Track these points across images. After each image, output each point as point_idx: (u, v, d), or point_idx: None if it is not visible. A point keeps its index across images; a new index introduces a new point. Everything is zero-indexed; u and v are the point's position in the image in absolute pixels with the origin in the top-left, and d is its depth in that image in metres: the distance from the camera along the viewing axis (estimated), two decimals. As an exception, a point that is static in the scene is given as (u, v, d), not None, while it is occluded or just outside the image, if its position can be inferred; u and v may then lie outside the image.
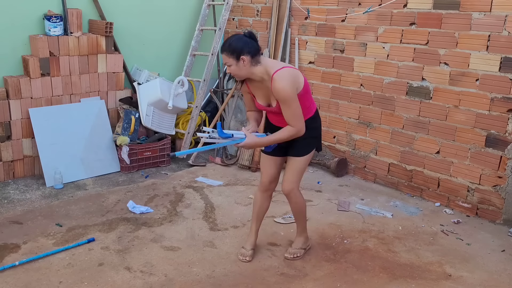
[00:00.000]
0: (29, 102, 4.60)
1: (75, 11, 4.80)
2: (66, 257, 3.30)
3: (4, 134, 4.53)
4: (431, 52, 4.21)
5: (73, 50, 4.75)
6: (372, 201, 4.38)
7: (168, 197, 4.34)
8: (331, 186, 4.74)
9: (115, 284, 3.01)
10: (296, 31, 5.30)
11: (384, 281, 3.14)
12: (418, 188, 4.50)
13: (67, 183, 4.57)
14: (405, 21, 4.36)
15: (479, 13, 3.88)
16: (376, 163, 4.80)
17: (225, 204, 4.23)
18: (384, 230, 3.83)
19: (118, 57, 5.10)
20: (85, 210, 4.02)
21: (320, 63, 5.13)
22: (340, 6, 4.83)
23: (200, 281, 3.07)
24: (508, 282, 3.16)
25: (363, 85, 4.78)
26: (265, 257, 3.38)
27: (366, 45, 4.69)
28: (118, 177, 4.78)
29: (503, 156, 3.90)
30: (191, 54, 5.63)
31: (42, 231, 3.64)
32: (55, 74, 4.71)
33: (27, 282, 3.00)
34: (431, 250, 3.54)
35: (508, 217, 3.93)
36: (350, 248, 3.53)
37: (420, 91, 4.34)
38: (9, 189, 4.42)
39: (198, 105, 5.44)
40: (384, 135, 4.69)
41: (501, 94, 3.85)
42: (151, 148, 5.03)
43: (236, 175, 4.95)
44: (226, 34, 6.15)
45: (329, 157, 5.20)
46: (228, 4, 5.48)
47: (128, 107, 5.16)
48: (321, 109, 5.20)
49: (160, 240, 3.57)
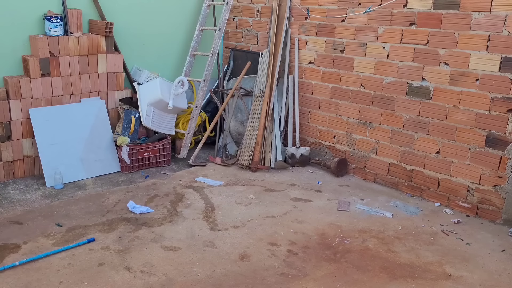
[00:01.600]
0: (29, 102, 4.60)
1: (75, 11, 4.80)
2: (66, 257, 3.30)
3: (4, 134, 4.53)
4: (431, 52, 4.21)
5: (73, 50, 4.75)
6: (372, 201, 4.38)
7: (168, 197, 4.34)
8: (331, 186, 4.75)
9: (115, 284, 3.01)
10: (296, 31, 5.30)
11: (384, 281, 3.14)
12: (418, 188, 4.50)
13: (67, 183, 4.56)
14: (405, 21, 4.36)
15: (479, 13, 3.88)
16: (376, 163, 4.80)
17: (225, 204, 4.23)
18: (384, 230, 3.83)
19: (118, 57, 5.10)
20: (85, 210, 4.02)
21: (320, 63, 5.13)
22: (340, 6, 4.83)
23: (200, 281, 3.07)
24: (508, 282, 3.17)
25: (363, 85, 4.78)
26: (265, 257, 3.38)
27: (366, 45, 4.69)
28: (118, 177, 4.78)
29: (503, 156, 3.90)
30: (191, 54, 5.63)
31: (42, 231, 3.64)
32: (55, 74, 4.71)
33: (27, 282, 3.00)
34: (431, 250, 3.54)
35: (508, 217, 3.93)
36: (350, 248, 3.53)
37: (420, 91, 4.34)
38: (9, 189, 4.42)
39: (198, 105, 5.44)
40: (384, 135, 4.69)
41: (501, 94, 3.85)
42: (151, 148, 5.03)
43: (236, 175, 4.95)
44: (226, 34, 6.16)
45: (329, 157, 5.20)
46: (228, 4, 5.48)
47: (128, 107, 5.16)
48: (321, 109, 5.21)
49: (160, 240, 3.57)
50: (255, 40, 5.80)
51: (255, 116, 5.26)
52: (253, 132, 5.21)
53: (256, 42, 5.80)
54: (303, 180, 4.87)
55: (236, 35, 6.05)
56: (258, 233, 3.71)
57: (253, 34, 5.82)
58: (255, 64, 5.52)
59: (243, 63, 5.68)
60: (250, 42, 5.87)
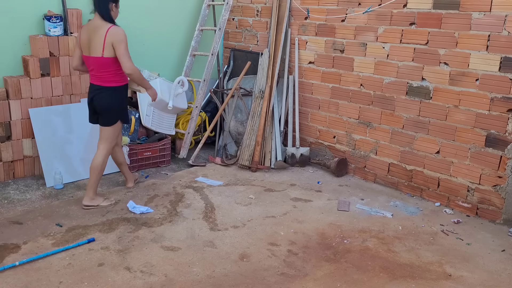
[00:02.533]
0: (29, 102, 4.60)
1: (75, 11, 4.80)
2: (66, 257, 3.30)
3: (4, 134, 4.53)
4: (431, 52, 4.21)
5: (73, 50, 4.74)
6: (372, 201, 4.38)
7: (168, 197, 4.34)
8: (331, 186, 4.75)
9: (115, 284, 3.01)
10: (296, 31, 5.30)
11: (384, 281, 3.14)
12: (418, 188, 4.50)
13: (67, 183, 4.57)
14: (405, 21, 4.36)
15: (479, 13, 3.88)
16: (376, 163, 4.80)
17: (225, 204, 4.23)
18: (384, 230, 3.83)
19: (118, 57, 5.09)
20: (85, 210, 4.02)
21: (320, 63, 5.13)
22: (340, 6, 4.84)
23: (200, 281, 3.07)
24: (508, 282, 3.17)
25: (363, 85, 4.78)
26: (265, 257, 3.38)
27: (366, 45, 4.69)
28: (118, 177, 4.78)
29: (503, 156, 3.90)
30: (191, 54, 5.63)
31: (42, 231, 3.64)
32: (55, 74, 4.71)
33: (27, 282, 3.00)
34: (431, 250, 3.54)
35: (508, 217, 3.93)
36: (350, 248, 3.53)
37: (420, 91, 4.34)
38: (9, 189, 4.42)
39: (198, 105, 5.44)
40: (384, 135, 4.69)
41: (501, 94, 3.85)
42: (151, 148, 5.03)
43: (236, 175, 4.95)
44: (226, 34, 6.16)
45: (329, 157, 5.20)
46: (228, 4, 5.48)
47: (128, 107, 5.15)
48: (321, 109, 5.21)
49: (160, 240, 3.57)
50: (255, 40, 5.80)
51: (255, 116, 5.26)
52: (253, 132, 5.22)
53: (256, 42, 5.80)
54: (303, 180, 4.87)
55: (236, 35, 6.05)
56: (258, 233, 3.71)
57: (253, 34, 5.82)
58: (255, 64, 5.52)
59: (243, 63, 5.68)
60: (250, 42, 5.87)
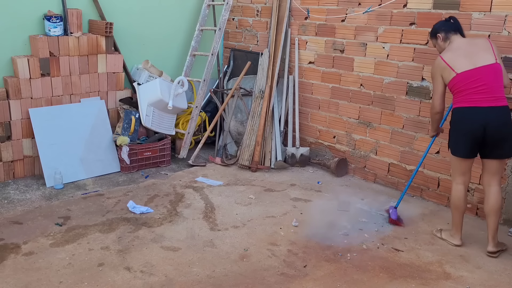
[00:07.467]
0: (29, 102, 4.60)
1: (75, 11, 4.80)
2: (66, 257, 3.30)
3: (4, 134, 4.53)
4: (431, 52, 4.20)
5: (73, 50, 4.75)
6: (372, 201, 4.37)
7: (168, 197, 4.34)
8: (331, 186, 4.74)
9: (115, 284, 3.01)
10: (296, 31, 5.30)
11: (384, 281, 3.14)
12: (418, 188, 4.50)
13: (67, 183, 4.56)
14: (405, 21, 4.36)
15: (479, 13, 3.88)
16: (376, 163, 4.80)
17: (225, 204, 4.23)
18: (384, 230, 3.83)
19: (118, 57, 5.10)
20: (85, 210, 4.02)
21: (320, 63, 5.13)
22: (340, 6, 4.83)
23: (200, 281, 3.07)
24: (508, 282, 3.17)
25: (363, 85, 4.78)
26: (265, 257, 3.38)
27: (366, 45, 4.69)
28: (118, 177, 4.78)
29: (503, 156, 3.89)
30: (191, 54, 5.63)
31: (42, 231, 3.64)
32: (55, 74, 4.71)
33: (27, 282, 3.00)
34: (431, 250, 3.54)
35: (508, 217, 3.93)
36: (350, 248, 3.53)
37: (420, 91, 4.34)
38: (9, 189, 4.42)
39: (198, 105, 5.44)
40: (384, 135, 4.69)
41: (501, 94, 3.84)
42: (151, 148, 5.03)
43: (236, 175, 4.95)
44: (226, 34, 6.16)
45: (329, 157, 5.20)
46: (228, 4, 5.48)
47: (128, 107, 5.16)
48: (321, 109, 5.21)
49: (160, 240, 3.57)
50: (255, 40, 5.80)
51: (255, 116, 5.26)
52: (253, 132, 5.21)
53: (256, 42, 5.80)
54: (303, 180, 4.87)
55: (236, 35, 6.05)
56: (258, 233, 3.71)
57: (253, 34, 5.82)
58: (255, 64, 5.52)
59: (243, 63, 5.68)
60: (250, 42, 5.87)
